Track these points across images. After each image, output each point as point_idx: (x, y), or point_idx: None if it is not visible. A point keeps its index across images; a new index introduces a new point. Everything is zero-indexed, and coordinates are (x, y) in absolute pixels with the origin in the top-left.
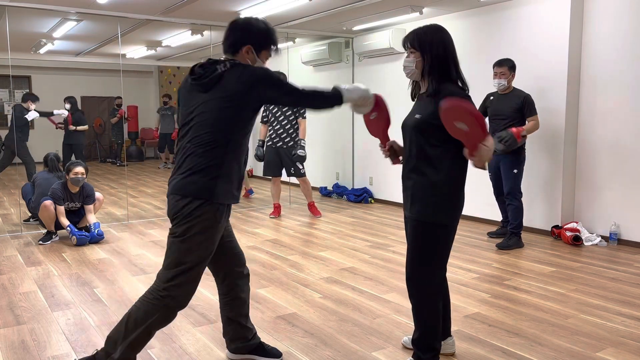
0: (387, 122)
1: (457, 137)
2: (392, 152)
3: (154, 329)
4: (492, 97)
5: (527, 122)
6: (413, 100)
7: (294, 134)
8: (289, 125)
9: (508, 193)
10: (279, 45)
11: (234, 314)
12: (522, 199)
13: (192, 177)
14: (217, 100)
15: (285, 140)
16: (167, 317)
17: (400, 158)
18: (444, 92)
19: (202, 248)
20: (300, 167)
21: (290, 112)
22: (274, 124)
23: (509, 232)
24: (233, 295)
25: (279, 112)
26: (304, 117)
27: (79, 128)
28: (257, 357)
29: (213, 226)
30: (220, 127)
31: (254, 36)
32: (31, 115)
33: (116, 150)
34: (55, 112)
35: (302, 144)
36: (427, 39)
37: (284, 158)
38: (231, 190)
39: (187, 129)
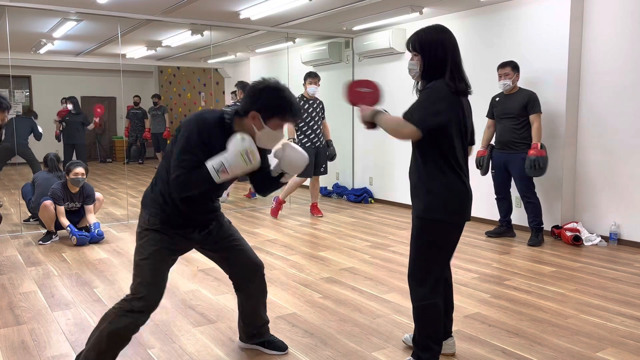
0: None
1: (357, 102)
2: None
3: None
4: (497, 99)
5: (531, 121)
6: None
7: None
8: (321, 124)
9: (523, 192)
10: (279, 45)
11: (245, 311)
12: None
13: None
14: None
15: (320, 139)
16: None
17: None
18: (428, 87)
19: None
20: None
21: (322, 112)
22: (310, 124)
23: (533, 229)
24: (242, 298)
25: (315, 113)
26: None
27: (90, 127)
28: (262, 348)
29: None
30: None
31: (261, 102)
32: (41, 129)
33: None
34: (39, 129)
35: (332, 144)
36: (427, 40)
37: (321, 156)
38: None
39: None
